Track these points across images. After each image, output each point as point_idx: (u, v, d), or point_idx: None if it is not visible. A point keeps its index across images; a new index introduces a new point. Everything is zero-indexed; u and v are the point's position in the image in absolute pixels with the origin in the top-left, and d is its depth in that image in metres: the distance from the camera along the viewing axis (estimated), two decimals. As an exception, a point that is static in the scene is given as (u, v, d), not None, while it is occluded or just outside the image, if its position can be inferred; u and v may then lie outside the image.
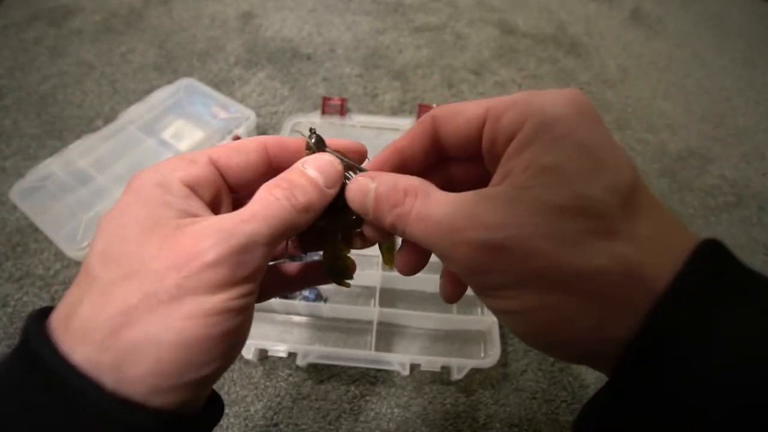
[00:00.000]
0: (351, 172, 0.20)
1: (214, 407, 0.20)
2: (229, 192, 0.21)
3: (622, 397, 0.16)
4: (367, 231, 0.21)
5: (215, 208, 0.20)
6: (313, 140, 0.21)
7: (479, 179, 0.21)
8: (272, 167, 0.21)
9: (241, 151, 0.20)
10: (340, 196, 0.20)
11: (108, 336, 0.15)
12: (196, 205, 0.18)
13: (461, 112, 0.19)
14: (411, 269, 0.21)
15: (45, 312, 0.17)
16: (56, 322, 0.16)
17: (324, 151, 0.20)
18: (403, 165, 0.21)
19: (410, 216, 0.17)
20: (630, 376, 0.16)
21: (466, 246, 0.16)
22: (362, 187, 0.19)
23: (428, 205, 0.17)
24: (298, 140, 0.21)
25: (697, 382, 0.14)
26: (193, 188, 0.18)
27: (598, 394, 0.18)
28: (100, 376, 0.15)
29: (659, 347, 0.15)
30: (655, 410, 0.14)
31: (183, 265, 0.15)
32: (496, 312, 0.18)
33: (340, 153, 0.21)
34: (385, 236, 0.21)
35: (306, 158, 0.20)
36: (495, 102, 0.19)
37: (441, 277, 0.22)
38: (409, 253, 0.21)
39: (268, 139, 0.21)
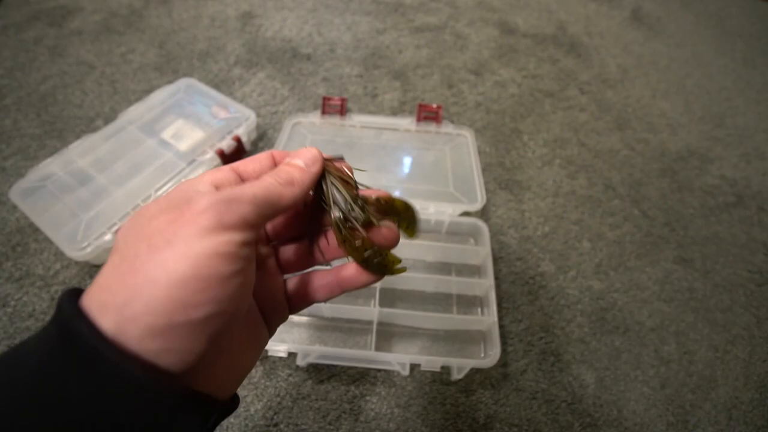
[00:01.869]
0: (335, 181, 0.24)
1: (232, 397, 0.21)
2: None
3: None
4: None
5: None
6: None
7: None
8: None
9: (255, 160, 0.24)
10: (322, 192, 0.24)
11: (116, 282, 0.17)
12: None
13: None
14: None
15: (79, 291, 0.18)
16: (88, 295, 0.18)
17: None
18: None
19: None
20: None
21: None
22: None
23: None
24: (297, 151, 0.25)
25: None
26: (217, 186, 0.21)
27: None
28: (103, 320, 0.16)
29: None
30: None
31: (180, 217, 0.18)
32: None
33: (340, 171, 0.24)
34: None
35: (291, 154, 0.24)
36: None
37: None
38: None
39: (275, 151, 0.25)
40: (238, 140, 0.68)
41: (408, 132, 0.73)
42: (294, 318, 0.55)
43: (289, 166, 0.23)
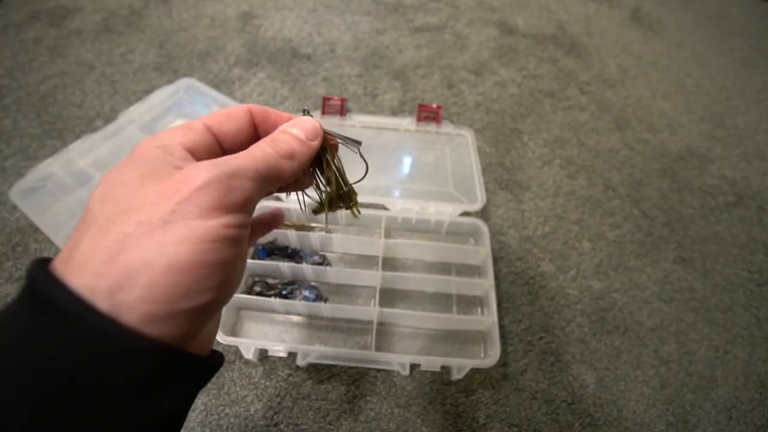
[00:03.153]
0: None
1: (214, 355, 0.21)
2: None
3: None
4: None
5: None
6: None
7: None
8: (258, 135, 0.23)
9: (232, 117, 0.22)
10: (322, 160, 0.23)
11: (104, 263, 0.15)
12: None
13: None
14: None
15: (49, 259, 0.17)
16: (58, 261, 0.16)
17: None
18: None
19: None
20: None
21: None
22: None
23: None
24: (278, 112, 0.23)
25: None
26: (192, 152, 0.19)
27: None
28: (95, 302, 0.15)
29: None
30: None
31: (175, 192, 0.16)
32: None
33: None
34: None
35: (287, 122, 0.22)
36: None
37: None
38: None
39: (252, 106, 0.23)
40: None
41: (408, 132, 0.72)
42: (294, 318, 0.55)
43: (288, 136, 0.21)
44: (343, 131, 0.25)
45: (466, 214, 0.62)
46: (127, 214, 0.16)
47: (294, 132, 0.21)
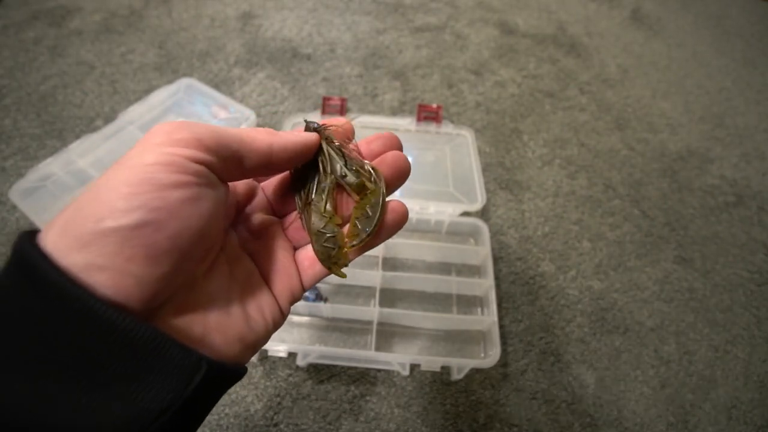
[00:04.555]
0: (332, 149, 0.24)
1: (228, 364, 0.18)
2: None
3: None
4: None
5: None
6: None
7: None
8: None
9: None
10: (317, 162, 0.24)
11: (71, 207, 0.16)
12: None
13: None
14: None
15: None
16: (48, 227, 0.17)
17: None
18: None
19: None
20: None
21: None
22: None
23: None
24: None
25: None
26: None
27: None
28: (42, 238, 0.15)
29: None
30: None
31: (144, 140, 0.17)
32: None
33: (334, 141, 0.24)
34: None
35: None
36: None
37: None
38: None
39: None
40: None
41: (408, 132, 0.72)
42: (294, 318, 0.55)
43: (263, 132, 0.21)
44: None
45: (466, 214, 0.62)
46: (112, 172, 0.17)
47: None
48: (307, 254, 0.24)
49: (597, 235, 0.67)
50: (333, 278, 0.58)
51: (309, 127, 0.24)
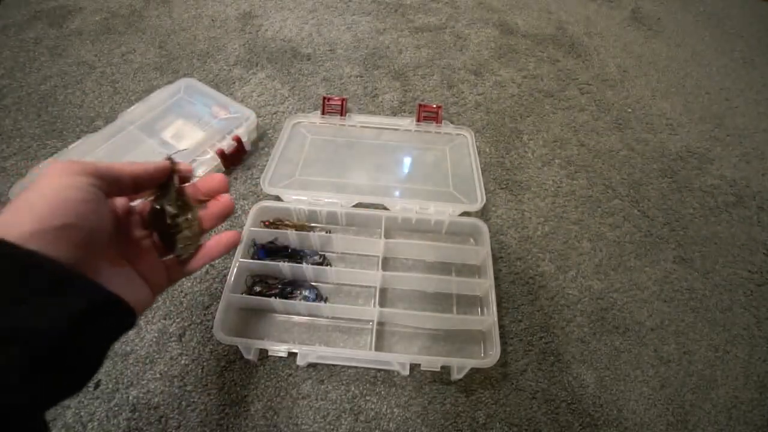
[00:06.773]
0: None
1: (125, 303, 0.27)
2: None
3: None
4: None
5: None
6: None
7: None
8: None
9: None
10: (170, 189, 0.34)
11: (9, 207, 0.23)
12: None
13: None
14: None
15: None
16: None
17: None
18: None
19: None
20: None
21: None
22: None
23: None
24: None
25: None
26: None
27: None
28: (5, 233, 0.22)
29: None
30: None
31: (38, 178, 0.25)
32: None
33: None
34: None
35: None
36: None
37: None
38: None
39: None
40: (238, 140, 0.68)
41: (408, 132, 0.73)
42: (294, 318, 0.55)
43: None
44: (343, 132, 0.27)
45: (465, 214, 0.62)
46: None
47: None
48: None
49: (597, 235, 0.67)
50: (333, 278, 0.58)
51: (167, 157, 0.34)
